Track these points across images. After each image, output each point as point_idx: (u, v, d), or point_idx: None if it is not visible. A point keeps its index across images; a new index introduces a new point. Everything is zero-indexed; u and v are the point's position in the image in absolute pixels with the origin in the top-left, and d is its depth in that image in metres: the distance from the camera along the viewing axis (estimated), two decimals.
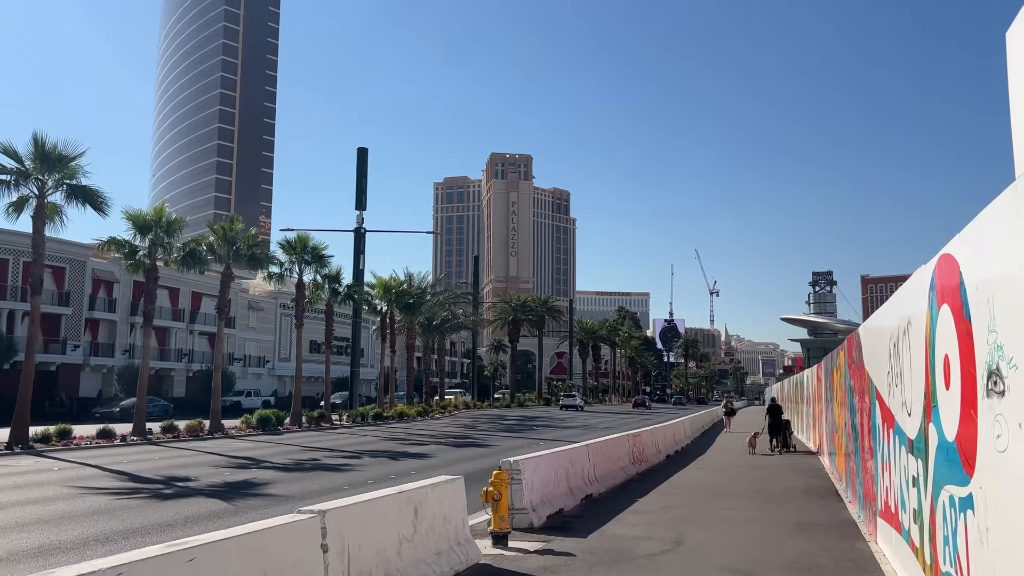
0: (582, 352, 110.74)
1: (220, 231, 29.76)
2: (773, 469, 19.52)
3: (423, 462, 21.57)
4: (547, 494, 11.54)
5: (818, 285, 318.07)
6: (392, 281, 46.11)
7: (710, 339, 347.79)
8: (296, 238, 35.28)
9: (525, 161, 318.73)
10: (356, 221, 40.68)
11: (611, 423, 45.78)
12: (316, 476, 17.91)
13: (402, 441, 29.60)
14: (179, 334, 71.81)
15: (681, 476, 17.65)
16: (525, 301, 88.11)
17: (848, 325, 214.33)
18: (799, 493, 14.81)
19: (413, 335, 50.60)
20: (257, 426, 31.70)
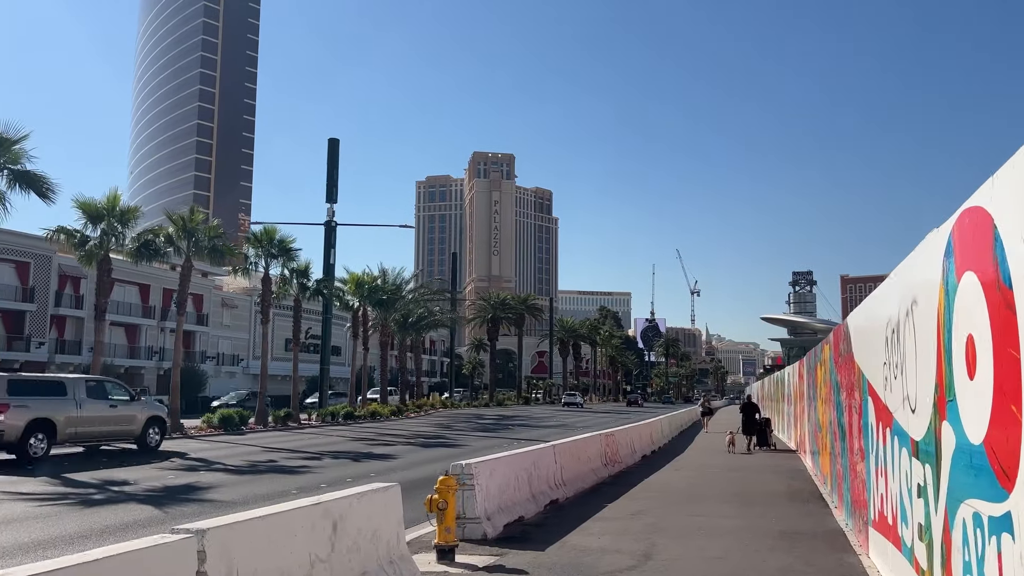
0: (562, 351, 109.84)
1: (179, 221, 28.36)
2: (753, 471, 18.56)
3: (386, 463, 20.43)
4: (505, 500, 10.45)
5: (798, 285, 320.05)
6: (365, 277, 44.83)
7: (691, 339, 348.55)
8: (262, 231, 33.95)
9: (507, 160, 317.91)
10: (327, 214, 39.38)
11: (589, 422, 44.82)
12: (266, 479, 16.71)
13: (369, 441, 28.40)
14: (150, 331, 70.09)
15: (656, 478, 16.62)
16: (504, 299, 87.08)
17: (828, 324, 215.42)
18: (780, 497, 13.82)
19: (388, 332, 49.35)
20: (219, 426, 30.35)
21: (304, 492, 14.34)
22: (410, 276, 50.23)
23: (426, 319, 57.13)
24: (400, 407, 49.21)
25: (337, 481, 16.24)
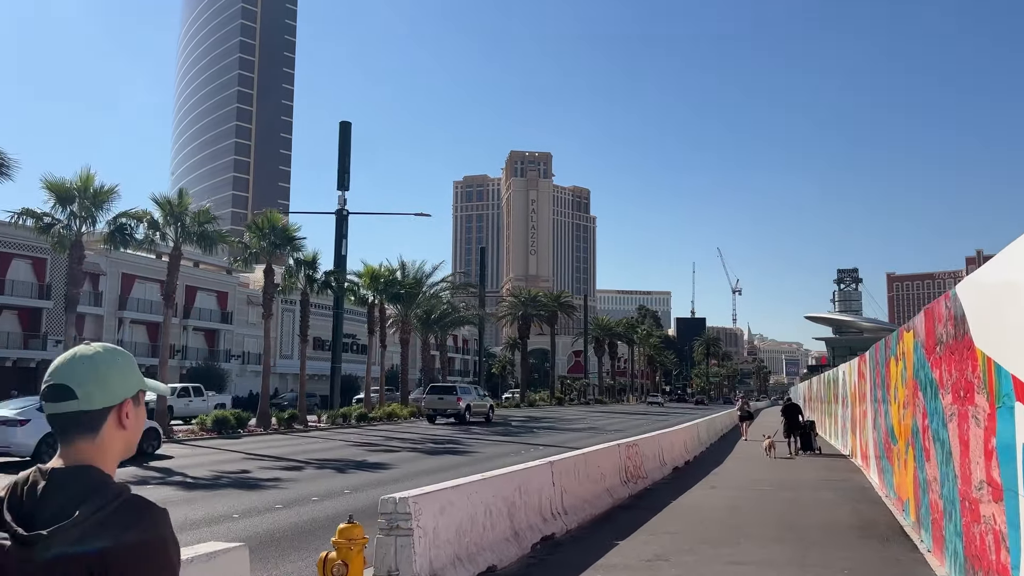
0: (598, 350, 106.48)
1: (166, 205, 25.98)
2: (806, 488, 15.32)
3: (376, 476, 17.63)
4: (468, 545, 7.51)
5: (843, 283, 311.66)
6: (382, 270, 42.22)
7: (732, 338, 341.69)
8: (263, 218, 31.50)
9: (545, 159, 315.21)
10: (338, 202, 36.90)
11: (623, 425, 41.64)
12: (217, 497, 14.00)
13: (371, 447, 25.69)
14: (173, 330, 68.40)
15: (687, 500, 13.52)
16: (536, 296, 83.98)
17: (875, 323, 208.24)
18: (848, 531, 10.64)
19: (408, 329, 46.69)
20: (213, 429, 27.93)
21: (246, 516, 11.62)
22: (431, 269, 47.40)
23: (450, 315, 54.36)
24: (421, 408, 46.52)
25: (300, 500, 13.49)
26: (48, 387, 1.66)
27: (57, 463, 1.63)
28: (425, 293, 48.63)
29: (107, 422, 1.65)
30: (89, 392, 1.63)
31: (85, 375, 1.63)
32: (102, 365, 1.65)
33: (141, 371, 1.77)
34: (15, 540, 1.50)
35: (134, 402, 1.71)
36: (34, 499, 1.57)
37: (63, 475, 1.60)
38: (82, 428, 1.63)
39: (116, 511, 1.53)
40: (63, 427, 1.64)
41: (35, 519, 1.53)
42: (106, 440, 1.65)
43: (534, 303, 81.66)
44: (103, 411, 1.64)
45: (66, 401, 1.63)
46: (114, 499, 1.55)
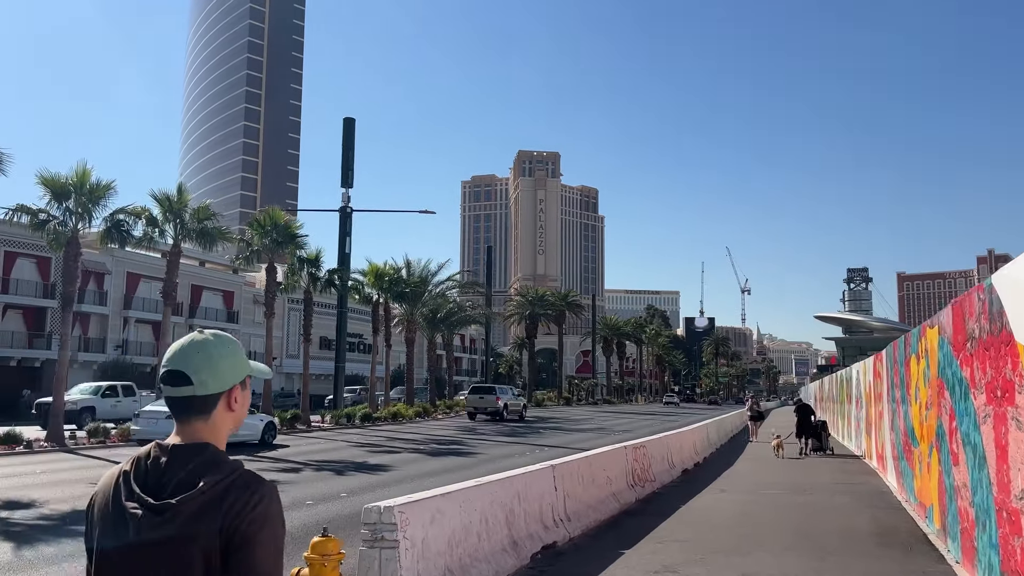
0: (606, 350, 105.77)
1: (165, 202, 25.53)
2: (821, 491, 14.72)
3: (375, 478, 17.11)
4: (461, 557, 6.96)
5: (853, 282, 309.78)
6: (387, 268, 41.74)
7: (742, 338, 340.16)
8: (265, 215, 31.04)
9: (553, 159, 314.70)
10: (341, 199, 36.47)
11: (631, 425, 41.04)
12: None
13: (374, 448, 25.19)
14: (177, 329, 68.13)
15: (697, 505, 12.94)
16: (543, 295, 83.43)
17: (885, 323, 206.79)
18: (867, 538, 10.05)
19: (413, 328, 46.21)
20: None
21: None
22: (437, 268, 46.88)
23: (456, 315, 53.85)
24: (427, 408, 46.06)
25: (293, 505, 12.97)
26: (166, 372, 1.81)
27: (175, 440, 1.80)
28: (431, 292, 48.17)
29: (219, 405, 1.82)
30: (203, 379, 1.79)
31: (199, 363, 1.78)
32: (215, 354, 1.80)
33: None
34: (147, 508, 1.67)
35: (241, 387, 1.88)
36: (158, 472, 1.72)
37: (183, 451, 1.76)
38: (196, 410, 1.80)
39: (234, 483, 1.70)
40: (180, 409, 1.81)
41: (161, 490, 1.69)
42: (217, 421, 1.82)
43: (541, 302, 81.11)
44: (215, 395, 1.80)
45: (183, 387, 1.79)
46: (232, 472, 1.72)
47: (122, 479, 1.75)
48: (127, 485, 1.72)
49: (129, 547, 1.66)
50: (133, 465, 1.76)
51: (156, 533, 1.64)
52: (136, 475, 1.73)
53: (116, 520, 1.70)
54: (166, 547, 1.64)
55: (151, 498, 1.67)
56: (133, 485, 1.71)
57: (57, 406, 22.64)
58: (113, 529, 1.69)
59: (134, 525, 1.66)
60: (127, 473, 1.75)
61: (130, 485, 1.71)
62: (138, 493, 1.69)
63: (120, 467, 1.78)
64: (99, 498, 1.77)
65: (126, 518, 1.68)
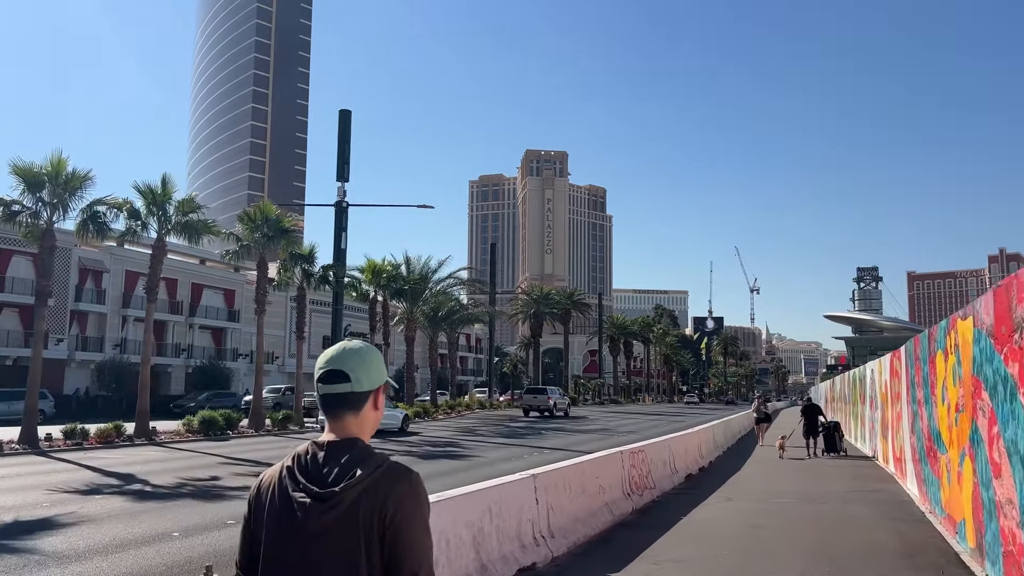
0: (613, 349, 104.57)
1: (148, 194, 24.50)
2: (836, 501, 13.54)
3: None
4: None
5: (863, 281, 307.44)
6: (385, 264, 40.67)
7: (751, 337, 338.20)
8: (256, 209, 30.01)
9: (560, 158, 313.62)
10: (337, 194, 35.34)
11: (636, 426, 39.87)
12: (168, 509, 12.44)
13: None
14: (177, 328, 67.43)
15: (699, 516, 11.79)
16: (548, 294, 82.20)
17: (895, 322, 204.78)
18: (891, 557, 8.88)
19: (413, 326, 45.15)
20: (199, 430, 26.45)
21: (162, 540, 10.06)
22: (437, 264, 45.75)
23: (458, 313, 52.73)
24: (428, 408, 45.00)
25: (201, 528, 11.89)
26: (325, 372, 2.03)
27: (329, 437, 2.02)
28: (432, 289, 47.08)
29: (367, 403, 2.06)
30: (359, 378, 2.02)
31: (355, 364, 2.02)
32: (367, 357, 2.05)
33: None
34: (313, 497, 1.89)
35: (383, 389, 2.11)
36: (317, 466, 1.94)
37: (338, 446, 1.98)
38: (349, 406, 2.02)
39: (385, 472, 1.93)
40: (335, 405, 2.03)
41: (321, 481, 1.91)
42: (364, 418, 2.06)
43: (547, 301, 79.89)
44: (365, 394, 2.04)
45: (340, 383, 2.01)
46: (382, 463, 1.95)
47: (286, 473, 1.97)
48: (292, 478, 1.94)
49: (299, 532, 1.89)
50: (294, 460, 1.98)
51: (323, 519, 1.88)
52: (298, 468, 1.96)
53: (284, 508, 1.92)
54: (332, 530, 1.87)
55: (315, 488, 1.90)
56: (298, 477, 1.94)
57: (31, 405, 21.62)
58: (282, 516, 1.92)
59: (302, 512, 1.90)
60: (290, 468, 1.97)
61: (295, 477, 1.94)
62: (303, 483, 1.92)
63: (282, 463, 2.01)
64: (265, 490, 1.99)
65: (294, 506, 1.91)
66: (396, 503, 1.87)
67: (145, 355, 26.22)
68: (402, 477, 1.93)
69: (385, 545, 1.86)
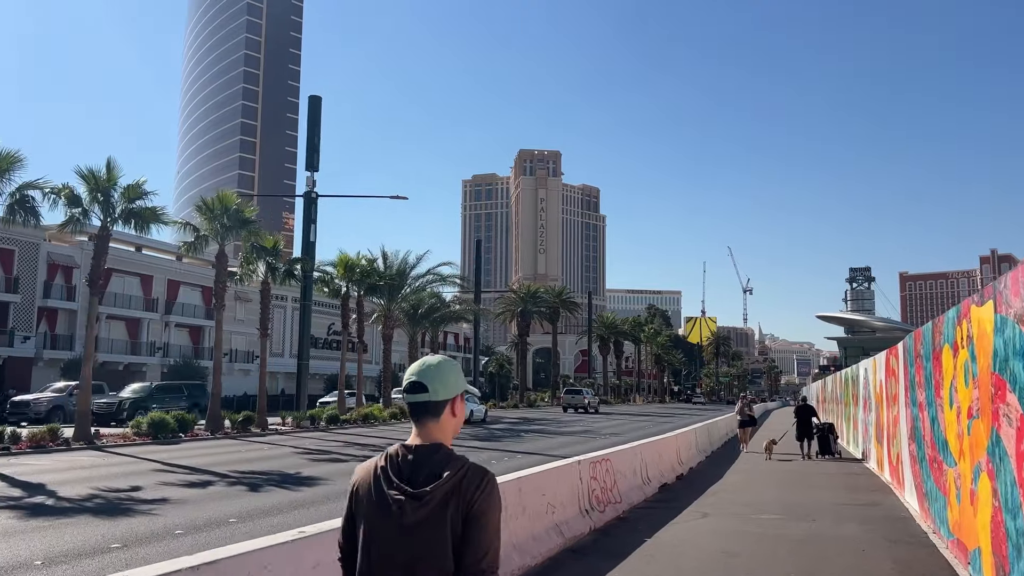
0: (603, 349, 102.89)
1: (91, 179, 22.76)
2: (827, 518, 11.91)
3: (292, 496, 14.34)
4: None
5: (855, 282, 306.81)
6: (359, 259, 38.90)
7: (743, 338, 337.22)
8: (214, 198, 28.27)
9: (554, 157, 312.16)
10: (306, 184, 33.64)
11: (622, 428, 38.26)
12: (59, 527, 10.73)
13: (321, 455, 22.43)
14: (153, 325, 65.53)
15: (667, 537, 10.15)
16: (536, 292, 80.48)
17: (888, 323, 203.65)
18: None
19: (391, 324, 43.41)
20: (148, 433, 24.71)
21: (19, 570, 8.36)
22: (416, 259, 43.99)
23: (439, 310, 50.98)
24: (406, 409, 43.29)
25: (156, 536, 10.21)
26: (409, 383, 2.38)
27: (416, 441, 2.36)
28: (411, 286, 45.35)
29: (445, 410, 2.38)
30: (436, 388, 2.35)
31: (433, 376, 2.36)
32: (444, 370, 2.38)
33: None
34: (407, 496, 2.21)
35: (460, 398, 2.43)
36: (408, 467, 2.27)
37: (425, 450, 2.32)
38: (431, 413, 2.36)
39: (467, 473, 2.26)
40: (419, 412, 2.38)
41: (413, 480, 2.24)
42: (444, 423, 2.39)
43: (534, 299, 78.18)
44: (443, 402, 2.37)
45: (421, 394, 2.36)
46: (464, 465, 2.29)
47: (380, 472, 2.31)
48: (386, 477, 2.28)
49: (395, 524, 2.21)
50: (387, 461, 2.31)
51: (416, 514, 2.19)
52: (392, 469, 2.28)
53: (380, 504, 2.25)
54: (424, 523, 2.19)
55: (408, 487, 2.22)
56: (392, 477, 2.25)
57: None
58: (379, 511, 2.24)
59: (397, 508, 2.21)
60: (384, 468, 2.30)
61: (389, 477, 2.26)
62: (397, 483, 2.23)
63: (375, 462, 2.36)
64: (362, 486, 2.34)
65: (389, 503, 2.23)
66: (476, 500, 2.21)
67: (88, 351, 24.44)
68: (482, 477, 2.27)
69: (465, 537, 2.19)
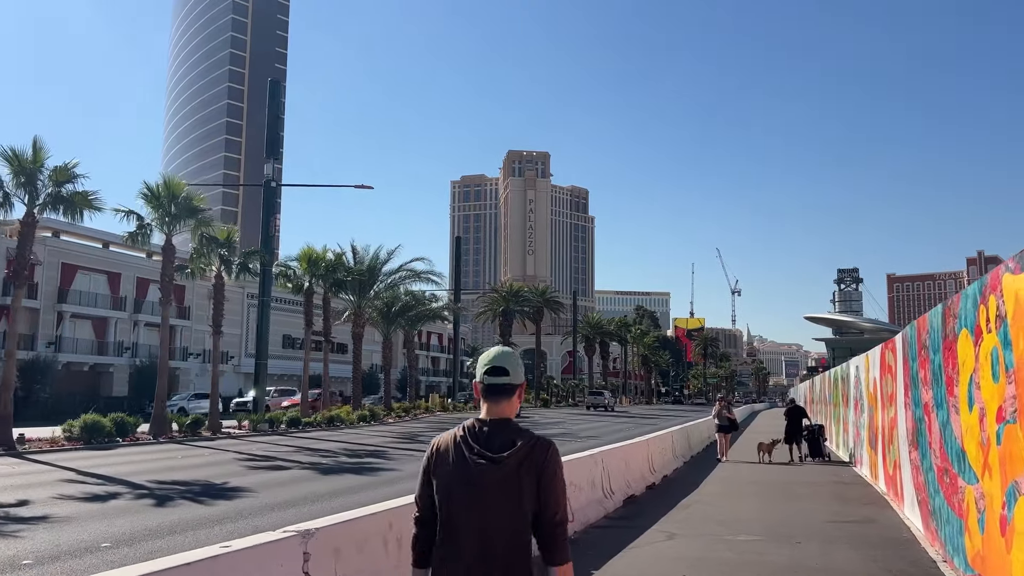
0: (588, 350, 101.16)
1: (14, 160, 20.72)
2: (815, 540, 10.07)
3: (199, 512, 12.41)
4: None
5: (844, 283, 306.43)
6: (323, 253, 36.90)
7: (732, 339, 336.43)
8: (161, 183, 26.20)
9: (543, 159, 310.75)
10: (266, 172, 31.62)
11: (601, 430, 36.45)
12: None
13: (263, 462, 20.50)
14: (121, 325, 63.21)
15: (621, 566, 8.28)
16: (519, 290, 78.55)
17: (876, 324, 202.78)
18: None
19: (361, 322, 41.44)
20: (80, 437, 22.67)
21: None
22: (387, 254, 41.99)
23: (414, 308, 49.00)
24: (377, 411, 41.32)
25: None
26: (492, 367, 2.83)
27: (488, 416, 2.79)
28: (383, 282, 43.40)
29: (515, 393, 2.85)
30: (516, 373, 2.83)
31: (512, 362, 2.85)
32: (518, 359, 2.89)
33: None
34: (487, 460, 2.68)
35: (524, 387, 2.89)
36: (484, 436, 2.73)
37: (498, 423, 2.78)
38: (506, 394, 2.82)
39: (536, 443, 2.75)
40: (498, 392, 2.82)
41: (491, 447, 2.70)
42: (513, 403, 2.84)
43: (517, 298, 76.22)
44: (516, 386, 2.84)
45: (503, 376, 2.81)
46: (533, 437, 2.77)
47: (460, 440, 2.75)
48: (466, 444, 2.73)
49: (475, 484, 2.66)
50: (466, 431, 2.77)
51: (494, 475, 2.66)
52: (472, 437, 2.74)
53: (462, 466, 2.70)
54: (503, 484, 2.66)
55: (488, 453, 2.70)
56: (472, 443, 2.72)
57: None
58: (462, 473, 2.69)
59: (477, 471, 2.66)
60: (463, 437, 2.75)
61: (469, 444, 2.72)
62: (478, 449, 2.70)
63: (455, 432, 2.79)
64: (442, 450, 2.79)
65: (470, 466, 2.68)
66: (544, 466, 2.71)
67: (10, 349, 22.31)
68: (548, 446, 2.77)
69: (539, 493, 2.68)
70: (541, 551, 2.72)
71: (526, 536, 2.68)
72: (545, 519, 2.68)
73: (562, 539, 2.73)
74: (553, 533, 2.71)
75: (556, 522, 2.71)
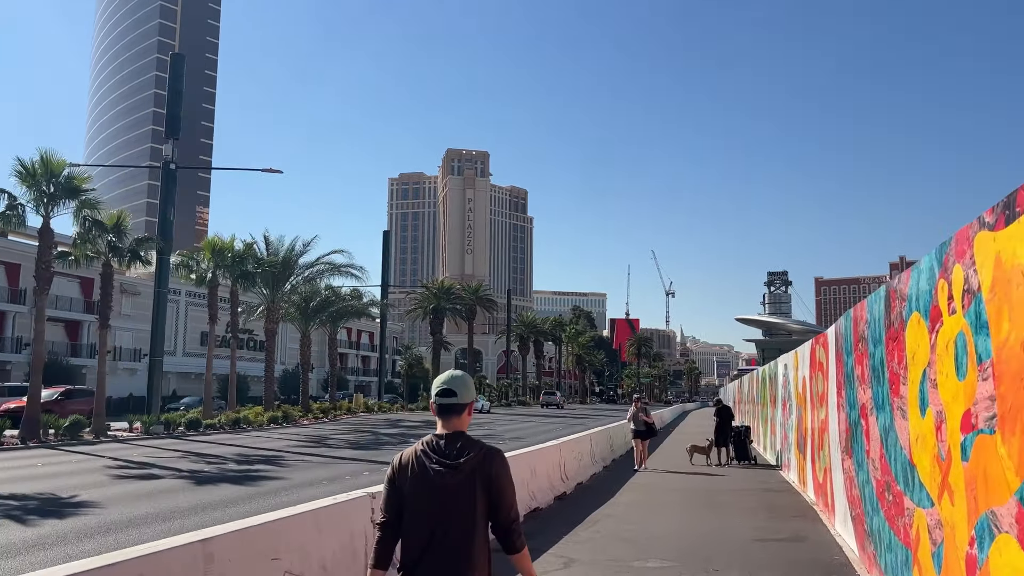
0: (523, 349, 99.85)
1: None
2: (739, 566, 8.60)
3: (28, 532, 10.29)
4: None
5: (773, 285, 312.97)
6: (229, 242, 34.39)
7: (666, 340, 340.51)
8: (38, 159, 23.46)
9: (482, 158, 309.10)
10: (164, 152, 29.02)
11: (528, 431, 34.96)
12: None
13: (130, 472, 18.25)
14: (20, 320, 59.00)
15: None
16: (450, 288, 76.56)
17: (804, 326, 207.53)
18: None
19: (274, 318, 38.99)
20: None
21: None
22: (303, 246, 39.64)
23: (335, 304, 46.65)
24: (290, 412, 38.93)
25: None
26: (443, 389, 3.23)
27: (443, 430, 3.18)
28: (300, 275, 40.97)
29: (464, 411, 3.22)
30: (463, 393, 3.22)
31: (459, 385, 3.23)
32: (467, 381, 3.27)
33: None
34: (445, 467, 3.04)
35: (473, 404, 3.28)
36: (442, 448, 3.11)
37: (453, 436, 3.14)
38: (455, 412, 3.19)
39: (486, 453, 3.11)
40: (447, 411, 3.20)
41: (449, 456, 3.07)
42: (463, 419, 3.21)
43: (449, 296, 74.20)
44: (464, 404, 3.21)
45: (452, 397, 3.19)
46: (483, 448, 3.14)
47: (422, 452, 3.12)
48: (426, 455, 3.10)
49: (436, 488, 3.03)
50: (426, 444, 3.14)
51: (452, 480, 3.02)
52: (431, 449, 3.11)
53: (423, 474, 3.07)
54: (460, 486, 3.02)
55: (446, 460, 3.07)
56: (431, 454, 3.09)
57: None
58: (422, 479, 3.06)
59: (437, 476, 3.04)
60: (424, 450, 3.12)
61: (428, 454, 3.09)
62: (437, 458, 3.07)
63: (415, 447, 3.17)
64: (404, 463, 3.14)
65: (431, 473, 3.06)
66: (495, 470, 3.08)
67: None
68: (496, 455, 3.14)
69: (491, 494, 3.05)
70: (501, 545, 3.15)
71: (478, 528, 3.05)
72: (500, 519, 3.11)
73: (517, 533, 3.14)
74: (509, 529, 3.12)
75: (510, 520, 3.12)
